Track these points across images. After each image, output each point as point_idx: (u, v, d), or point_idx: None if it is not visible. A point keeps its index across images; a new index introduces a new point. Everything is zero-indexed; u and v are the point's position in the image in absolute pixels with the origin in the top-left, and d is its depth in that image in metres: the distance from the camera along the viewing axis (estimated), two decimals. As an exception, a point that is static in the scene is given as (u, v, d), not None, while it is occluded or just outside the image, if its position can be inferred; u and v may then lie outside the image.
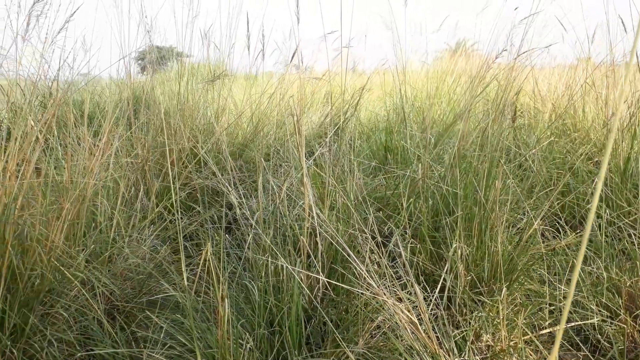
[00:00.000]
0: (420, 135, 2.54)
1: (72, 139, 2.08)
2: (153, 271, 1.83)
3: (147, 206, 2.27)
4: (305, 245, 1.61)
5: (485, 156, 1.78)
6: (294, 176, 1.84)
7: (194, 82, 2.99)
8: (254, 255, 1.58)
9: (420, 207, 1.76)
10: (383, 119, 3.46)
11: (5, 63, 1.83)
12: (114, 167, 2.21)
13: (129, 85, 2.71)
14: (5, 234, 1.51)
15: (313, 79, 3.42)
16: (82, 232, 1.87)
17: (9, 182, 1.54)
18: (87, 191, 1.81)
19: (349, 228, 1.70)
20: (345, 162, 1.95)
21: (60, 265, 1.60)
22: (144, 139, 2.47)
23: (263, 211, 1.82)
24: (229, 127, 3.02)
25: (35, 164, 1.73)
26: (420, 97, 3.45)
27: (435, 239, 1.78)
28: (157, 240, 2.15)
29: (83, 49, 2.36)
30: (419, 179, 1.80)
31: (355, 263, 1.39)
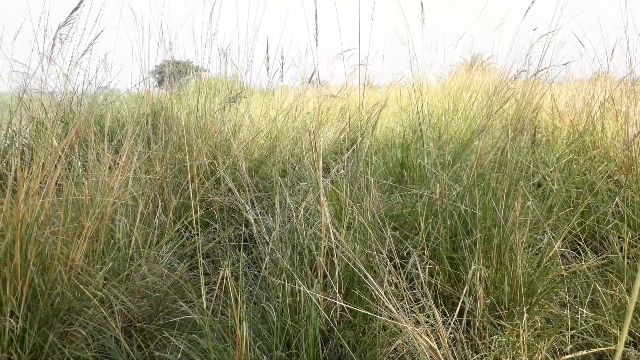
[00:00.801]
0: (437, 152, 2.53)
1: (92, 156, 2.11)
2: (170, 290, 1.84)
3: (165, 223, 2.29)
4: (322, 265, 1.61)
5: (504, 176, 1.77)
6: (310, 195, 1.84)
7: (212, 99, 3.03)
8: (271, 277, 1.58)
9: (439, 227, 1.74)
10: (398, 134, 3.46)
11: (31, 82, 1.88)
12: (133, 183, 2.24)
13: (147, 102, 2.75)
14: (28, 252, 1.53)
15: (330, 96, 3.44)
16: (101, 249, 1.90)
17: (32, 201, 1.56)
18: (107, 209, 1.84)
19: (366, 248, 1.69)
20: (362, 180, 1.95)
21: (79, 284, 1.62)
22: (162, 155, 2.49)
23: (279, 229, 1.82)
24: (244, 142, 3.04)
25: (56, 181, 1.76)
26: (437, 113, 3.44)
27: (454, 260, 1.77)
28: (174, 257, 2.16)
29: (104, 67, 2.41)
30: (436, 199, 1.79)
31: (373, 286, 1.38)
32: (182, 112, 3.08)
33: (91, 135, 1.97)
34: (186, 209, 2.52)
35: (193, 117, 2.90)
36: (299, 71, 3.59)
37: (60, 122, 3.10)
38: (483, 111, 2.89)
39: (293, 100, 3.22)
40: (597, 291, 1.72)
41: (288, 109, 3.08)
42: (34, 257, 1.52)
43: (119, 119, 3.96)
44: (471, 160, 2.55)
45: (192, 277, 2.19)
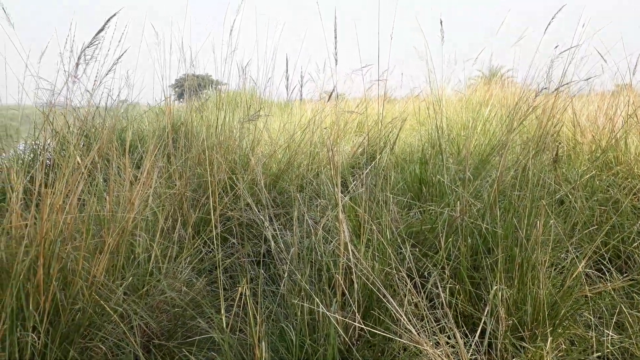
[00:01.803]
0: (456, 167, 2.51)
1: (113, 170, 2.14)
2: (188, 307, 1.84)
3: (184, 237, 2.30)
4: (340, 283, 1.60)
5: (526, 194, 1.74)
6: (329, 211, 1.84)
7: (231, 114, 3.06)
8: (289, 295, 1.58)
9: (459, 245, 1.72)
10: (416, 149, 3.44)
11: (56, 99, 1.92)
12: (153, 198, 2.26)
13: (168, 117, 2.79)
14: (51, 268, 1.55)
15: (348, 112, 3.45)
16: (121, 264, 1.91)
17: (55, 217, 1.59)
18: (127, 224, 1.86)
19: (385, 266, 1.67)
20: (380, 196, 1.94)
21: (100, 299, 1.63)
22: (182, 170, 2.52)
23: (297, 245, 1.82)
24: (263, 157, 3.06)
25: (79, 196, 1.79)
26: (456, 128, 3.42)
27: (474, 280, 1.74)
28: (192, 272, 2.17)
29: (127, 84, 2.46)
30: (457, 217, 1.77)
31: (393, 306, 1.37)
32: (202, 127, 3.11)
33: (113, 151, 2.00)
34: (205, 223, 2.53)
35: (212, 132, 2.93)
36: (317, 87, 3.61)
37: (84, 137, 3.16)
38: (503, 126, 2.86)
39: (311, 116, 3.23)
40: (623, 312, 1.68)
41: (306, 124, 3.09)
42: (56, 273, 1.54)
43: (139, 133, 4.02)
44: (491, 176, 2.52)
45: (210, 291, 2.19)
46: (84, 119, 2.22)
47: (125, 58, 2.14)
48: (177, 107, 5.07)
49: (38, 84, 1.78)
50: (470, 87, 5.14)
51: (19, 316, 1.49)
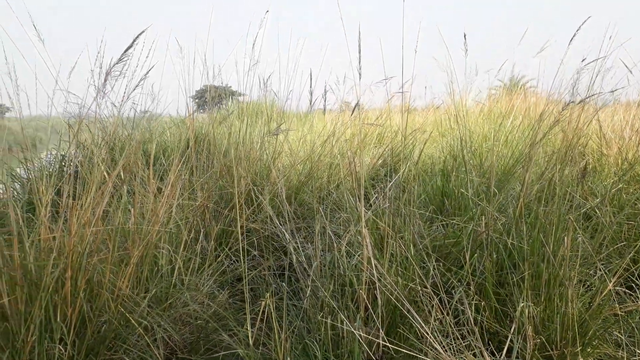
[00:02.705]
0: (478, 180, 2.48)
1: (138, 182, 2.16)
2: (211, 320, 1.85)
3: (206, 249, 2.32)
4: (364, 298, 1.58)
5: (553, 209, 1.71)
6: (352, 225, 1.83)
7: (252, 126, 3.08)
8: (313, 310, 1.57)
9: (484, 261, 1.70)
10: (437, 160, 3.42)
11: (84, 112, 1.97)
12: (176, 210, 2.28)
13: (190, 129, 2.82)
14: (78, 280, 1.58)
15: (370, 125, 3.45)
16: (145, 276, 1.93)
17: (83, 231, 1.61)
18: (152, 237, 1.88)
19: (409, 282, 1.66)
20: (403, 209, 1.92)
21: (125, 312, 1.65)
22: (205, 182, 2.54)
23: (318, 257, 1.82)
24: (283, 169, 3.07)
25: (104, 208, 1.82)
26: (477, 139, 3.39)
27: (500, 296, 1.71)
28: (214, 284, 2.18)
29: (151, 97, 2.50)
30: (482, 232, 1.75)
31: (418, 323, 1.35)
32: (224, 139, 3.14)
33: (138, 164, 2.03)
34: (227, 235, 2.55)
35: (234, 144, 2.96)
36: (337, 98, 3.62)
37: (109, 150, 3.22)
38: (526, 138, 2.83)
39: (331, 127, 3.24)
40: (654, 331, 1.63)
41: (326, 135, 3.10)
42: (83, 285, 1.56)
43: (162, 143, 4.08)
44: (515, 189, 2.49)
45: (232, 303, 2.19)
46: (110, 131, 2.26)
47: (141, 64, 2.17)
48: (197, 118, 5.13)
49: (67, 98, 1.82)
50: (491, 97, 5.09)
51: (47, 327, 1.52)
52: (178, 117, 4.77)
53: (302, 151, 3.34)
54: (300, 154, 3.28)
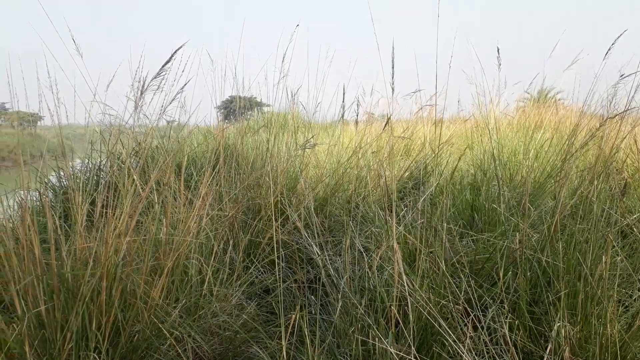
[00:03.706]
0: (509, 194, 2.44)
1: (169, 193, 2.20)
2: (241, 330, 1.86)
3: (235, 260, 2.33)
4: (395, 314, 1.57)
5: (590, 226, 1.67)
6: (382, 239, 1.82)
7: (280, 137, 3.11)
8: (344, 325, 1.56)
9: (518, 278, 1.67)
10: (465, 173, 3.38)
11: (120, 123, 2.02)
12: (206, 221, 2.30)
13: (220, 141, 2.86)
14: (113, 290, 1.60)
15: (399, 137, 3.44)
16: (176, 286, 1.95)
17: (118, 240, 1.64)
18: (184, 247, 1.90)
19: (441, 298, 1.64)
20: (433, 224, 1.91)
21: (158, 322, 1.67)
22: (233, 193, 2.57)
23: (348, 272, 1.81)
24: (310, 181, 3.08)
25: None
26: (507, 152, 3.34)
27: (535, 314, 1.68)
28: (243, 295, 2.19)
29: (182, 109, 2.55)
30: (516, 249, 1.72)
31: (452, 340, 1.33)
32: (252, 151, 3.17)
33: (170, 176, 2.06)
34: (255, 246, 2.56)
35: (261, 155, 2.98)
36: (364, 110, 3.63)
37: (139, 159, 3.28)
38: (559, 152, 2.78)
39: (358, 139, 3.24)
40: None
41: (354, 148, 3.10)
42: (118, 295, 1.59)
43: (190, 154, 4.14)
44: (546, 205, 2.44)
45: (259, 314, 2.20)
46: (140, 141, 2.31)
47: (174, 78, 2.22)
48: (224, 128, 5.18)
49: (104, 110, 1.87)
50: (519, 109, 5.02)
51: (82, 336, 1.55)
52: (205, 127, 4.83)
53: (328, 163, 3.34)
54: (326, 166, 3.28)
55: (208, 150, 4.05)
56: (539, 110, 4.39)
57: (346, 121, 5.17)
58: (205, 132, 4.88)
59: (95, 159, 3.01)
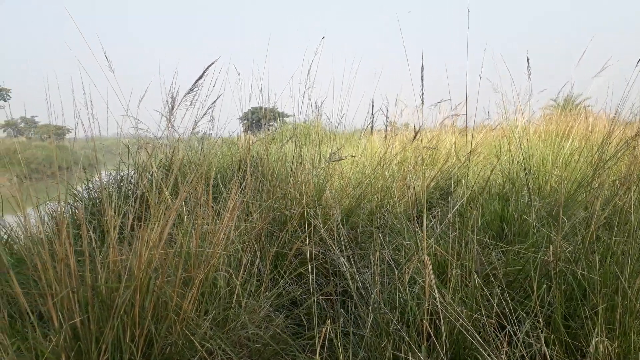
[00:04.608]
0: (538, 205, 2.40)
1: (200, 208, 2.22)
2: (272, 342, 1.86)
3: (263, 272, 2.34)
4: (427, 327, 1.55)
5: (627, 239, 1.63)
6: (412, 252, 1.81)
7: (307, 148, 3.12)
8: (376, 339, 1.55)
9: (553, 292, 1.63)
10: (493, 182, 3.33)
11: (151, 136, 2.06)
12: (234, 233, 2.32)
13: (247, 152, 2.89)
14: (146, 302, 1.63)
15: (425, 147, 3.42)
16: (205, 298, 1.97)
17: (151, 253, 1.67)
18: (214, 260, 1.92)
19: (473, 312, 1.61)
20: (466, 235, 1.88)
21: (190, 334, 1.68)
22: (261, 206, 2.58)
23: (378, 285, 1.80)
24: (336, 193, 3.08)
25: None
26: (535, 162, 3.29)
27: (570, 329, 1.64)
28: (271, 307, 2.19)
29: (211, 123, 2.59)
30: (550, 261, 1.68)
31: (487, 353, 1.31)
32: (277, 162, 3.19)
33: (200, 190, 2.09)
34: (282, 258, 2.57)
35: (288, 167, 3.00)
36: (388, 120, 3.62)
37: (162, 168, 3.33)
38: (590, 162, 2.72)
39: (382, 149, 3.23)
40: None
41: (378, 159, 3.09)
42: (152, 307, 1.61)
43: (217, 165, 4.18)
44: (577, 215, 2.39)
45: (287, 326, 2.20)
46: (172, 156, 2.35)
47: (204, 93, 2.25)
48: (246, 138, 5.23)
49: (136, 125, 1.92)
50: (546, 117, 4.94)
51: (117, 348, 1.57)
52: (229, 138, 4.88)
53: (353, 174, 3.34)
54: (351, 177, 3.28)
55: (233, 162, 4.09)
56: (566, 118, 4.31)
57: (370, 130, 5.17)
58: (229, 143, 4.93)
59: (123, 170, 3.07)
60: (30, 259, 1.69)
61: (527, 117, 4.12)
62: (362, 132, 3.20)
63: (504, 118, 4.20)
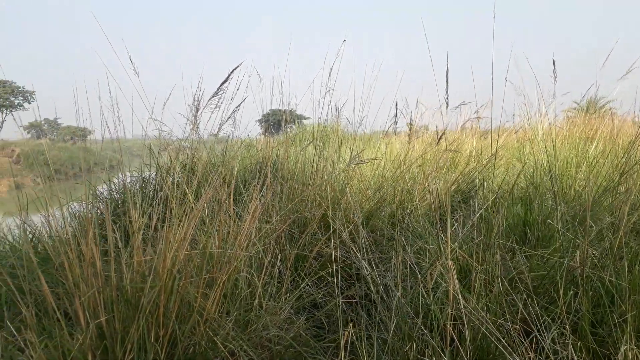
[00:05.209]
0: (562, 209, 2.36)
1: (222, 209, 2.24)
2: (294, 344, 1.86)
3: (283, 273, 2.35)
4: (450, 333, 1.54)
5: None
6: (434, 256, 1.80)
7: (327, 150, 3.12)
8: (399, 343, 1.55)
9: (580, 298, 1.60)
10: (515, 185, 3.29)
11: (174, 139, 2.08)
12: (255, 235, 2.33)
13: (265, 154, 2.91)
14: (170, 302, 1.64)
15: (447, 151, 3.40)
16: (227, 299, 1.98)
17: (175, 254, 1.69)
18: (236, 260, 1.93)
19: (498, 317, 1.60)
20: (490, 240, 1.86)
21: (213, 335, 1.70)
22: (282, 209, 2.59)
23: (400, 289, 1.79)
24: (356, 196, 3.08)
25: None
26: (558, 165, 3.24)
27: (598, 336, 1.60)
28: (292, 309, 2.20)
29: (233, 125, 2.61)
30: (577, 267, 1.65)
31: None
32: (294, 165, 3.20)
33: (222, 193, 2.11)
34: (302, 260, 2.57)
35: (307, 169, 3.01)
36: (407, 122, 3.61)
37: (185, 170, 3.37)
38: (615, 165, 2.67)
39: (402, 152, 3.22)
40: None
41: (399, 162, 3.08)
42: (176, 307, 1.63)
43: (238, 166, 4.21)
44: (604, 220, 2.34)
45: (308, 328, 2.20)
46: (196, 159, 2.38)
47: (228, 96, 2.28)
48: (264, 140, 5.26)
49: (160, 127, 1.94)
50: (568, 120, 4.86)
51: (142, 347, 1.59)
52: (247, 140, 4.91)
53: (373, 176, 3.33)
54: (371, 180, 3.27)
55: (252, 164, 4.12)
56: (590, 121, 4.24)
57: (389, 132, 5.15)
58: (247, 145, 4.96)
59: (145, 172, 3.10)
60: (57, 258, 1.73)
61: (549, 119, 4.06)
62: (384, 135, 3.19)
63: (527, 121, 4.15)
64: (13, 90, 33.87)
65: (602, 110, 5.11)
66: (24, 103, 34.54)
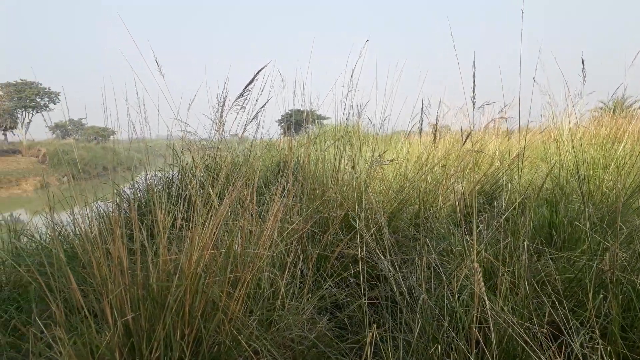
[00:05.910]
0: (590, 211, 2.31)
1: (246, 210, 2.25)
2: (318, 343, 1.86)
3: (305, 274, 2.36)
4: (476, 335, 1.52)
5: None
6: (459, 259, 1.78)
7: (349, 151, 3.12)
8: (424, 345, 1.53)
9: (609, 302, 1.57)
10: (539, 186, 3.23)
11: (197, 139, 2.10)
12: (278, 235, 2.34)
13: (287, 155, 2.92)
14: (195, 301, 1.66)
15: (471, 151, 3.36)
16: (250, 299, 1.99)
17: (201, 254, 1.71)
18: (260, 260, 1.94)
19: (524, 320, 1.57)
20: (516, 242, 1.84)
21: (237, 334, 1.71)
22: (305, 210, 2.60)
23: (424, 291, 1.77)
24: (378, 197, 3.07)
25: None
26: (585, 166, 3.17)
27: (628, 341, 1.57)
28: (314, 310, 2.20)
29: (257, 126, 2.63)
30: (607, 270, 1.62)
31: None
32: (317, 164, 3.21)
33: (246, 194, 2.12)
34: (324, 260, 2.58)
35: (328, 170, 3.01)
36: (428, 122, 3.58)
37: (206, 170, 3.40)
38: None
39: (427, 154, 3.20)
40: None
41: (421, 162, 3.05)
42: (201, 306, 1.65)
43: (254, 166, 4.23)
44: (634, 222, 2.29)
45: (330, 329, 2.20)
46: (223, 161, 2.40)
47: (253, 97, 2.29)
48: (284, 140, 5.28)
49: (185, 128, 1.97)
50: (595, 120, 4.76)
51: (167, 345, 1.61)
52: (267, 141, 4.94)
53: (395, 177, 3.32)
54: (392, 181, 3.26)
55: (272, 164, 4.14)
56: (617, 120, 4.14)
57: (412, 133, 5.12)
58: (267, 144, 4.98)
59: (168, 172, 3.14)
60: (84, 256, 1.76)
61: (575, 119, 3.98)
62: (406, 135, 3.18)
63: (552, 121, 4.08)
64: (39, 91, 34.73)
65: (630, 110, 4.99)
66: (50, 104, 35.38)
